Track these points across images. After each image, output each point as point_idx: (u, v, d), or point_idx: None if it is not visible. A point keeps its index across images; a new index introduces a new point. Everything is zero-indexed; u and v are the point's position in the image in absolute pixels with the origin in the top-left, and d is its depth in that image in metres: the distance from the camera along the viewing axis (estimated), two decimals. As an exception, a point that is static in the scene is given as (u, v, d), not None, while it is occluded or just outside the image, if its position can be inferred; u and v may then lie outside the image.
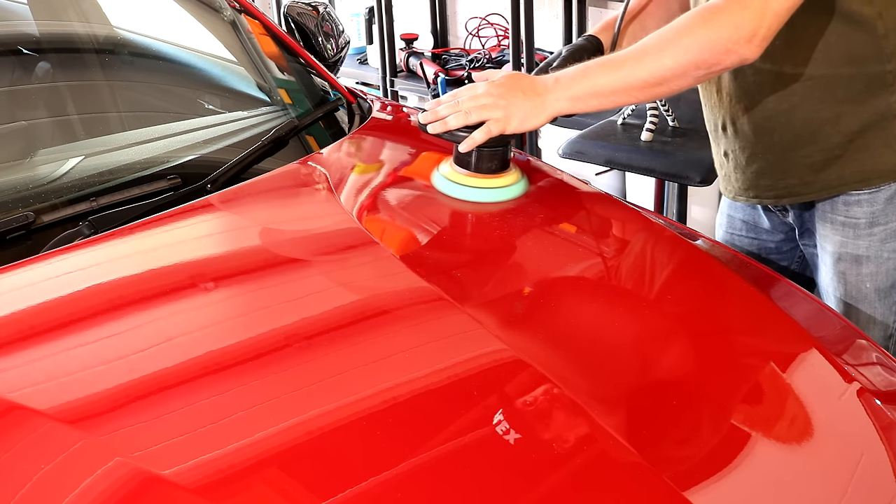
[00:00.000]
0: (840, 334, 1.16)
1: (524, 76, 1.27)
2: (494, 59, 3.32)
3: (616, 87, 1.20)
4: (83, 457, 0.81)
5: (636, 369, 1.01)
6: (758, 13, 1.13)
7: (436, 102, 1.29)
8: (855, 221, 1.30)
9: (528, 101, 1.22)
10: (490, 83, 1.25)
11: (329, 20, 1.92)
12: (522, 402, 0.92)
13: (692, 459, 0.89)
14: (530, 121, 1.22)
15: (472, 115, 1.23)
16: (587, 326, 1.09)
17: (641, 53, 1.20)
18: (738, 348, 1.10)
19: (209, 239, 1.24)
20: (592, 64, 1.23)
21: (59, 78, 1.54)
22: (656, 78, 1.18)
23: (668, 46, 1.18)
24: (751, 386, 1.03)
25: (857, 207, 1.30)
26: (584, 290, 1.18)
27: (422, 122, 1.28)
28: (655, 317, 1.13)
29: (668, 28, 1.20)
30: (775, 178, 1.35)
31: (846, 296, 1.34)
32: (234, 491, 0.79)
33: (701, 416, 0.96)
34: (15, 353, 0.97)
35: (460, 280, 1.15)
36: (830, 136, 1.27)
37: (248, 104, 1.66)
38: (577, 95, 1.21)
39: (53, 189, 1.25)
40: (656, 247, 1.29)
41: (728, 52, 1.15)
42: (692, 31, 1.17)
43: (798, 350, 1.09)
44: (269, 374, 0.93)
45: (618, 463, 0.86)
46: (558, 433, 0.88)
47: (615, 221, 1.36)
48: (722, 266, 1.24)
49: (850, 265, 1.32)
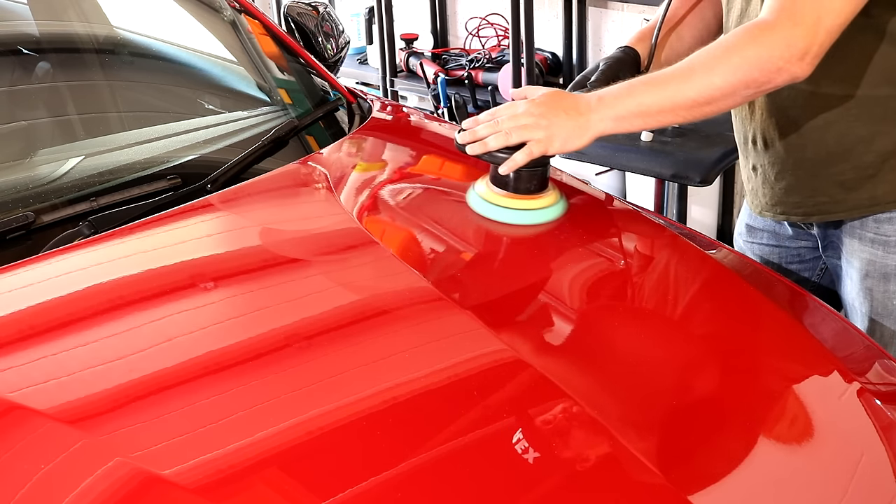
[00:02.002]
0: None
1: (565, 94, 1.22)
2: (494, 59, 3.32)
3: (662, 107, 1.16)
4: (83, 457, 0.81)
5: (637, 371, 1.01)
6: (810, 30, 1.09)
7: (473, 121, 1.24)
8: (885, 239, 1.28)
9: (571, 120, 1.17)
10: (530, 102, 1.20)
11: (329, 20, 1.92)
12: (522, 402, 0.92)
13: (692, 459, 0.89)
14: (573, 142, 1.17)
15: (512, 136, 1.18)
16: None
17: (689, 72, 1.16)
18: (737, 349, 1.10)
19: (209, 239, 1.24)
20: (637, 82, 1.19)
21: (59, 78, 1.54)
22: (705, 97, 1.15)
23: (718, 64, 1.14)
24: (751, 386, 1.03)
25: (888, 225, 1.28)
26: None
27: (460, 142, 1.23)
28: (659, 321, 1.13)
29: (716, 45, 1.16)
30: (805, 196, 1.32)
31: (872, 312, 1.32)
32: (234, 491, 0.79)
33: (700, 416, 0.96)
34: (15, 353, 0.97)
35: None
36: (864, 156, 1.25)
37: (248, 104, 1.66)
38: (621, 115, 1.17)
39: (53, 189, 1.25)
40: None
41: (780, 71, 1.12)
42: (742, 48, 1.13)
43: (799, 351, 1.09)
44: (270, 375, 0.93)
45: (618, 463, 0.86)
46: (558, 433, 0.88)
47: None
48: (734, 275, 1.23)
49: (877, 282, 1.30)
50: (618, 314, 1.14)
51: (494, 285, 1.16)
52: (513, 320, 1.10)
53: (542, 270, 1.21)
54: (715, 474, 0.88)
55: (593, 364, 1.00)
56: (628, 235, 1.33)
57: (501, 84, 3.18)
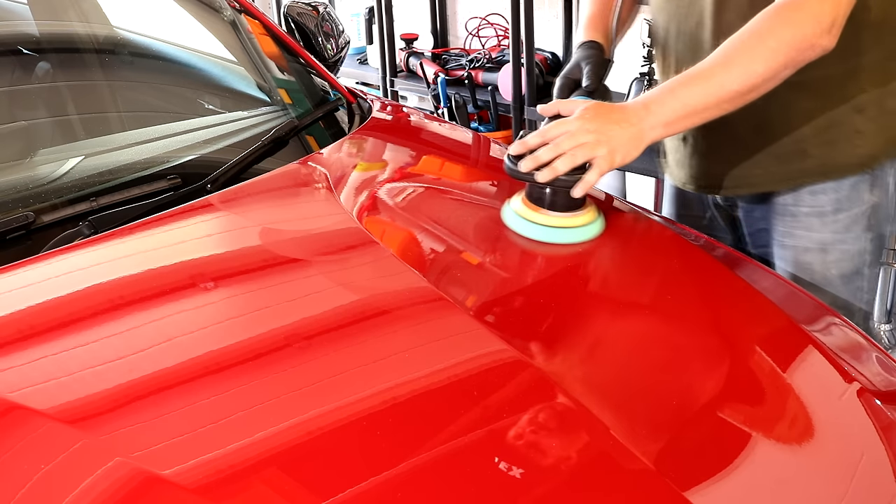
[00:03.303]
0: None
1: (609, 106, 1.20)
2: (494, 59, 3.32)
3: (707, 103, 1.16)
4: (83, 457, 0.81)
5: (638, 371, 1.01)
6: (835, 2, 1.12)
7: (522, 145, 1.20)
8: (821, 210, 1.32)
9: (626, 132, 1.16)
10: (581, 119, 1.17)
11: (329, 20, 1.92)
12: (522, 402, 0.92)
13: (692, 459, 0.89)
14: (632, 153, 1.16)
15: (578, 156, 1.15)
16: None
17: (727, 63, 1.16)
18: (737, 349, 1.10)
19: (209, 239, 1.24)
20: (675, 83, 1.18)
21: (59, 78, 1.54)
22: (748, 86, 1.15)
23: (755, 51, 1.14)
24: (751, 386, 1.03)
25: (822, 196, 1.32)
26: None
27: (522, 170, 1.18)
28: (659, 322, 1.13)
29: (746, 32, 1.16)
30: (737, 167, 1.35)
31: (812, 284, 1.35)
32: (234, 491, 0.79)
33: (701, 417, 0.96)
34: (15, 353, 0.97)
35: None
36: (803, 128, 1.28)
37: (248, 104, 1.66)
38: (670, 120, 1.17)
39: (53, 189, 1.25)
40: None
41: (812, 47, 1.14)
42: (776, 31, 1.14)
43: (798, 351, 1.09)
44: (270, 375, 0.93)
45: (618, 463, 0.86)
46: (558, 433, 0.88)
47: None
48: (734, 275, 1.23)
49: (816, 254, 1.34)
50: (619, 314, 1.14)
51: (495, 287, 1.16)
52: (513, 320, 1.11)
53: (542, 272, 1.21)
54: (715, 474, 0.88)
55: (594, 364, 1.00)
56: (628, 235, 1.32)
57: (501, 84, 3.18)
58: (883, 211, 1.38)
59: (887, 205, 1.39)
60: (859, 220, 1.35)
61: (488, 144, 1.67)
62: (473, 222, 1.30)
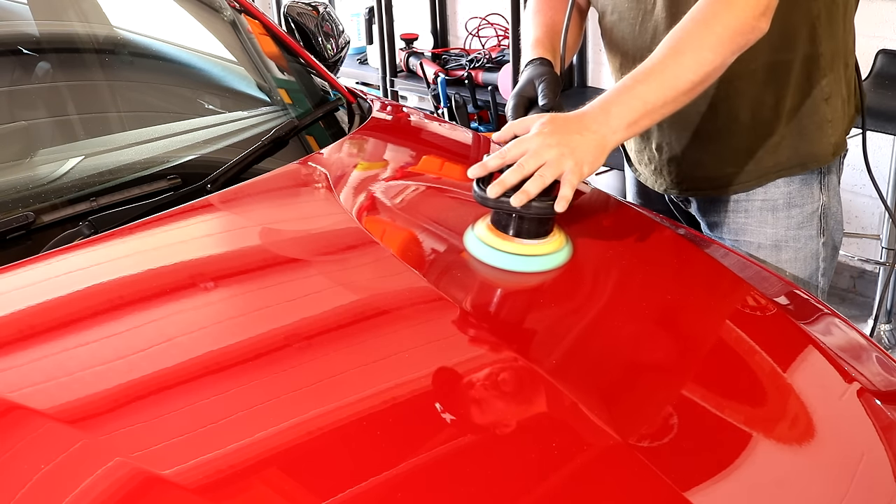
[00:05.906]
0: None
1: (565, 116, 1.15)
2: (494, 59, 3.32)
3: (666, 98, 1.14)
4: (83, 457, 0.81)
5: (638, 372, 1.01)
6: None
7: (482, 168, 1.14)
8: (773, 203, 1.34)
9: (588, 140, 1.11)
10: (540, 135, 1.12)
11: (329, 20, 1.92)
12: (522, 402, 0.92)
13: (692, 459, 0.89)
14: (599, 160, 1.12)
15: (546, 176, 1.09)
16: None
17: (677, 54, 1.14)
18: (736, 349, 1.10)
19: (209, 239, 1.24)
20: (629, 82, 1.15)
21: (59, 78, 1.54)
22: (701, 75, 1.14)
23: (703, 39, 1.14)
24: (751, 386, 1.03)
25: (774, 189, 1.34)
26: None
27: (491, 196, 1.11)
28: (659, 322, 1.13)
29: (689, 21, 1.15)
30: (714, 168, 1.36)
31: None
32: (234, 491, 0.79)
33: (701, 417, 0.96)
34: (15, 353, 0.97)
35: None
36: (772, 122, 1.30)
37: (248, 104, 1.66)
38: (632, 121, 1.14)
39: (53, 189, 1.25)
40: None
41: (753, 29, 1.15)
42: (718, 17, 1.14)
43: (798, 351, 1.09)
44: (269, 375, 0.93)
45: (618, 463, 0.86)
46: (558, 433, 0.88)
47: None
48: (735, 275, 1.23)
49: (770, 251, 1.36)
50: (619, 315, 1.14)
51: (494, 289, 1.16)
52: (513, 320, 1.11)
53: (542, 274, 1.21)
54: (715, 474, 0.88)
55: (594, 364, 0.99)
56: (628, 235, 1.32)
57: (501, 84, 3.18)
58: (834, 218, 1.38)
59: (838, 212, 1.39)
60: (811, 218, 1.36)
61: (488, 144, 1.67)
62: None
